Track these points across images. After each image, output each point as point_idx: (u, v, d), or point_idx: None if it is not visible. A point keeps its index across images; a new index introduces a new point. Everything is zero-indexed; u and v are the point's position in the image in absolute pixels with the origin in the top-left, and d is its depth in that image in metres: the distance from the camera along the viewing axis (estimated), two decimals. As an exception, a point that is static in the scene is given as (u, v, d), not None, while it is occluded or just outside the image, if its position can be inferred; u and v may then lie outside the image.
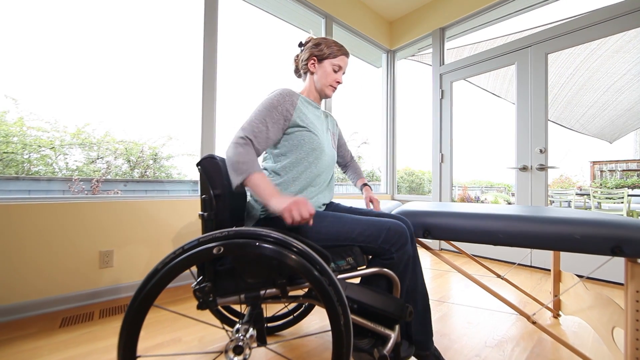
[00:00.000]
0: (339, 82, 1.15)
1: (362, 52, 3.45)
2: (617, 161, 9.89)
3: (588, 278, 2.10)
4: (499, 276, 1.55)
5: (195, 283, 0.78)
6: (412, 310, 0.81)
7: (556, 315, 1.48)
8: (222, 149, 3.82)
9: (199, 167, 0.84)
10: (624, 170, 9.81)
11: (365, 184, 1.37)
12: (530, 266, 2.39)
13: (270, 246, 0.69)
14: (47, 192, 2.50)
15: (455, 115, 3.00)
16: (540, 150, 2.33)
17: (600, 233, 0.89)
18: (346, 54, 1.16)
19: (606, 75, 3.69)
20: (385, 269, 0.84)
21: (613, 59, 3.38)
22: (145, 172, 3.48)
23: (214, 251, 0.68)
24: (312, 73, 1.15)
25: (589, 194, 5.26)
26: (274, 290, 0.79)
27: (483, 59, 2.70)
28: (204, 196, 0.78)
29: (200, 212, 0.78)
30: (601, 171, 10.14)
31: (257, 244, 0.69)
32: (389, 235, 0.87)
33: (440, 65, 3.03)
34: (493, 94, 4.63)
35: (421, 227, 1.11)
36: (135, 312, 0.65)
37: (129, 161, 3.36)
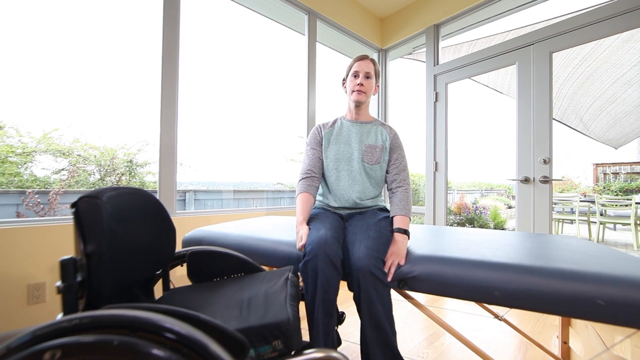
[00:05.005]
0: (360, 85, 1.22)
1: (352, 51, 3.21)
2: (621, 163, 9.62)
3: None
4: (496, 316, 1.31)
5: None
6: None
7: (565, 367, 1.24)
8: (184, 156, 3.53)
9: (73, 210, 0.60)
10: (628, 173, 9.53)
11: (397, 230, 1.01)
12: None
13: (146, 349, 0.45)
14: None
15: (452, 119, 2.75)
16: (544, 161, 2.08)
17: (632, 298, 0.64)
18: (360, 59, 1.25)
19: (614, 66, 3.40)
20: (334, 354, 0.60)
21: (623, 49, 3.08)
22: (119, 180, 3.24)
23: (46, 357, 0.43)
24: (346, 93, 1.32)
25: (594, 201, 5.01)
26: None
27: (481, 59, 2.46)
28: (63, 259, 0.54)
29: (58, 283, 0.54)
30: (604, 174, 9.87)
31: (116, 343, 0.45)
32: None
33: (435, 66, 2.78)
34: (495, 90, 4.35)
35: (396, 276, 0.86)
36: None
37: (99, 170, 3.12)
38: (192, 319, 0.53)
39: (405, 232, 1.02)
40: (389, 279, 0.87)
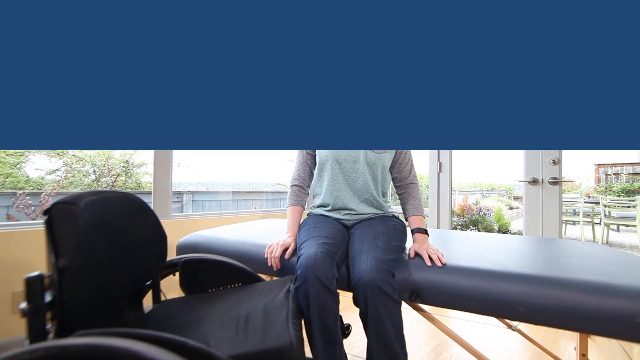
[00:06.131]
0: None
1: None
2: (622, 164, 9.56)
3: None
4: (509, 327, 1.24)
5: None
6: None
7: (584, 381, 1.16)
8: (181, 156, 3.45)
9: (45, 217, 0.53)
10: (629, 174, 9.47)
11: (417, 230, 0.99)
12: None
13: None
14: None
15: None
16: (554, 161, 2.02)
17: (679, 317, 0.57)
18: None
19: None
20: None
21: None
22: (114, 181, 3.16)
23: (0, 401, 0.36)
24: None
25: (598, 202, 4.94)
26: None
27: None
28: (28, 277, 0.47)
29: (22, 305, 0.46)
30: (606, 174, 9.81)
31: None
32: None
33: (439, 64, 2.71)
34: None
35: (407, 286, 0.79)
36: None
37: (94, 171, 3.04)
38: (179, 345, 0.46)
39: (425, 231, 0.99)
40: (444, 262, 0.81)
